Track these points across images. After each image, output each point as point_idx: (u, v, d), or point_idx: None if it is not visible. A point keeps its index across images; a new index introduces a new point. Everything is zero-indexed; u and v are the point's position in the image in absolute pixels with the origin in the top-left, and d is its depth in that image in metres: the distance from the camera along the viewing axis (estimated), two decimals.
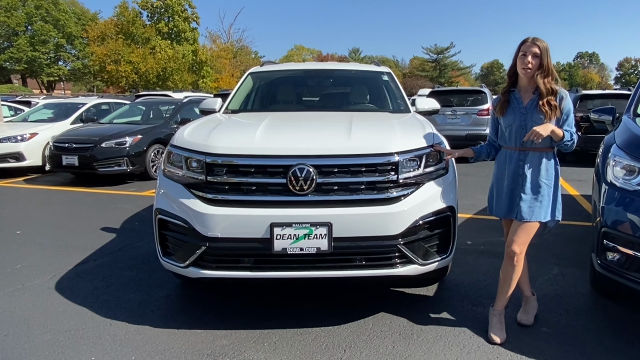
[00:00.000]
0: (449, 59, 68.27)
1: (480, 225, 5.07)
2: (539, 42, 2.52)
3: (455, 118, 10.81)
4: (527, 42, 2.54)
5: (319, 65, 5.07)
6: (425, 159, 2.83)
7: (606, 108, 4.19)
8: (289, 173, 2.58)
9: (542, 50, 2.51)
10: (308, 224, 2.53)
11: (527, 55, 2.52)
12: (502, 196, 2.68)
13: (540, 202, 2.56)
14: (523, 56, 2.54)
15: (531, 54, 2.51)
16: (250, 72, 4.76)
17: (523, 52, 2.54)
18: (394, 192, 2.67)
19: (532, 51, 2.51)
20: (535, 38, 2.54)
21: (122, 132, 7.83)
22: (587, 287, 3.36)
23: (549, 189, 2.59)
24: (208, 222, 2.59)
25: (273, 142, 2.78)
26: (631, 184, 2.65)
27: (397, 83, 4.63)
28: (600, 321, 2.91)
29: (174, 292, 3.32)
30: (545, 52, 2.52)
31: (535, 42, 2.52)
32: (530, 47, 2.52)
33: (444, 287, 3.38)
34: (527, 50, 2.52)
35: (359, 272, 2.64)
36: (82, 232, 4.88)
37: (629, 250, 2.55)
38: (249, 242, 2.57)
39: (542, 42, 2.53)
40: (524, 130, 2.57)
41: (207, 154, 2.70)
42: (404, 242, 2.64)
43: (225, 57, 44.30)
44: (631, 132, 2.98)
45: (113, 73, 36.80)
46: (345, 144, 2.73)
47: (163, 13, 41.80)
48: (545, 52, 2.52)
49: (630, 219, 2.56)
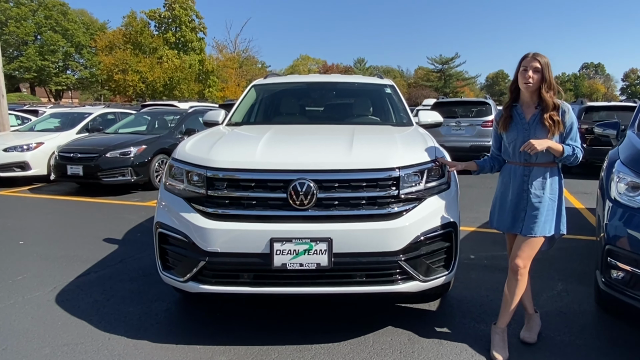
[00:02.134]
0: (453, 69, 68.39)
1: (484, 238, 5.02)
2: (540, 57, 2.52)
3: (459, 129, 10.79)
4: (528, 57, 2.54)
5: (323, 78, 5.10)
6: (426, 173, 2.82)
7: (610, 122, 4.17)
8: (289, 188, 2.57)
9: (543, 65, 2.51)
10: (308, 239, 2.52)
11: (528, 70, 2.52)
12: (506, 210, 2.66)
13: (544, 217, 2.54)
14: (524, 71, 2.54)
15: (532, 68, 2.51)
16: (253, 85, 4.78)
17: (524, 67, 2.54)
18: (395, 208, 2.66)
19: (533, 66, 2.51)
20: (536, 53, 2.54)
21: (126, 142, 7.87)
22: (591, 304, 3.31)
23: (553, 203, 2.57)
24: (208, 236, 2.58)
25: (274, 156, 2.77)
26: (635, 200, 2.62)
27: (399, 96, 4.64)
28: (604, 339, 2.86)
29: (173, 306, 3.30)
30: (547, 66, 2.52)
31: (536, 57, 2.51)
32: (531, 62, 2.52)
33: (446, 303, 3.35)
34: (528, 65, 2.52)
35: (359, 288, 2.62)
36: (85, 243, 4.89)
37: (633, 268, 2.51)
38: (248, 257, 2.55)
39: (543, 57, 2.53)
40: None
41: (208, 168, 2.70)
42: (405, 258, 2.61)
43: (231, 67, 44.62)
44: (635, 148, 2.95)
45: (120, 82, 37.16)
46: (346, 158, 2.72)
47: (171, 23, 42.31)
48: (547, 67, 2.52)
49: (635, 236, 2.53)
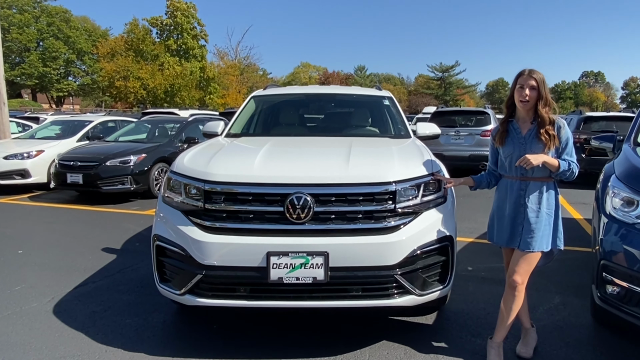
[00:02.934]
0: (454, 77, 68.77)
1: (482, 249, 5.02)
2: (535, 75, 2.55)
3: (458, 139, 10.82)
4: (524, 74, 2.57)
5: (321, 90, 5.13)
6: (423, 187, 2.83)
7: (607, 135, 4.19)
8: (286, 201, 2.59)
9: (539, 82, 2.54)
10: (304, 253, 2.53)
11: (524, 88, 2.55)
12: (503, 225, 2.67)
13: (541, 232, 2.56)
14: (520, 89, 2.56)
15: (528, 86, 2.54)
16: (253, 96, 4.82)
17: (520, 85, 2.57)
18: (391, 222, 2.67)
19: (529, 84, 2.54)
20: (532, 70, 2.57)
21: (126, 150, 7.90)
22: (588, 318, 3.31)
23: (550, 218, 2.59)
24: (205, 249, 2.59)
25: (271, 170, 2.79)
26: (630, 216, 2.63)
27: (398, 108, 4.67)
28: (601, 354, 2.85)
29: (170, 318, 3.30)
30: (542, 83, 2.55)
31: (532, 75, 2.54)
32: (527, 79, 2.55)
33: (443, 316, 3.35)
34: (524, 83, 2.55)
35: (355, 302, 2.63)
36: (84, 252, 4.90)
37: (628, 283, 2.52)
38: (245, 270, 2.57)
39: (538, 73, 2.56)
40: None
41: (205, 182, 2.72)
42: (401, 272, 2.62)
43: (232, 74, 44.81)
44: (630, 163, 2.97)
45: (121, 89, 37.32)
46: (343, 172, 2.74)
47: (172, 30, 42.56)
48: (542, 84, 2.55)
49: (629, 252, 2.54)
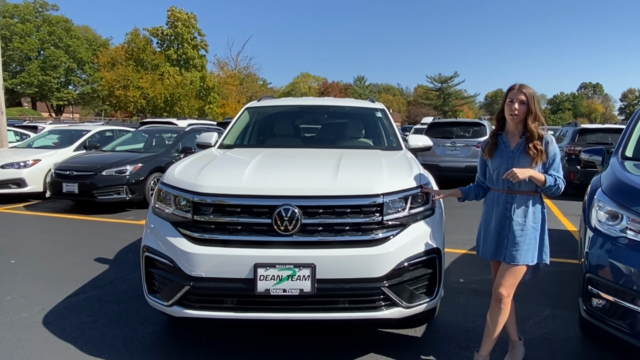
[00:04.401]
0: (453, 88, 69.18)
1: (475, 261, 5.03)
2: (525, 90, 2.58)
3: (454, 150, 10.88)
4: (514, 89, 2.61)
5: (315, 101, 5.18)
6: (411, 200, 2.86)
7: (596, 149, 4.22)
8: (274, 213, 2.61)
9: (529, 97, 2.57)
10: (292, 265, 2.55)
11: (514, 102, 2.59)
12: (489, 237, 2.69)
13: (527, 245, 2.57)
14: (510, 103, 2.60)
15: (518, 101, 2.58)
16: (247, 107, 4.86)
17: (510, 99, 2.61)
18: (379, 234, 2.69)
19: (519, 98, 2.58)
20: (522, 85, 2.61)
21: (123, 160, 7.93)
22: (577, 331, 3.31)
23: (536, 232, 2.60)
24: (193, 261, 2.61)
25: (260, 182, 2.82)
26: (614, 230, 2.65)
27: (390, 120, 4.71)
28: None
29: (160, 329, 3.30)
30: (532, 98, 2.58)
31: (522, 90, 2.58)
32: (517, 94, 2.58)
33: (432, 329, 3.35)
34: (514, 98, 2.59)
35: (342, 314, 2.63)
36: (76, 262, 4.90)
37: (612, 297, 2.53)
38: (232, 282, 2.58)
39: (529, 88, 2.60)
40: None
41: (194, 193, 2.74)
42: (388, 284, 2.63)
43: (232, 84, 45.07)
44: (616, 177, 3.00)
45: (121, 98, 37.48)
46: (331, 184, 2.77)
47: (173, 40, 42.88)
48: (532, 98, 2.58)
49: (614, 265, 2.55)
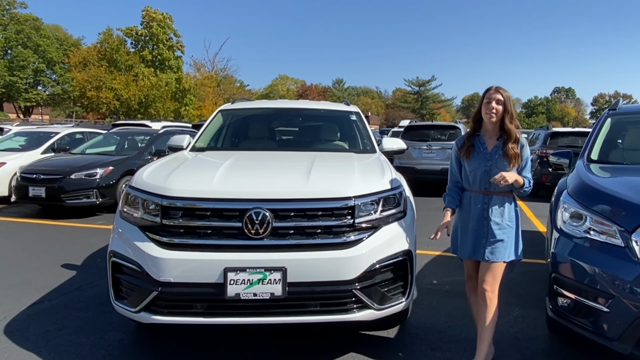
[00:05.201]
0: (430, 92, 70.09)
1: (448, 263, 5.10)
2: (502, 91, 2.66)
3: (430, 152, 11.01)
4: (491, 90, 2.68)
5: (289, 104, 5.17)
6: (383, 202, 2.87)
7: (564, 152, 4.33)
8: (245, 217, 2.58)
9: (505, 98, 2.65)
10: (262, 269, 2.52)
11: (491, 102, 2.65)
12: (467, 238, 2.73)
13: (505, 244, 2.65)
14: (487, 103, 2.67)
15: (495, 100, 2.64)
16: (220, 110, 4.81)
17: (487, 100, 2.67)
18: (350, 236, 2.69)
19: (496, 98, 2.64)
20: (498, 87, 2.68)
21: (93, 163, 7.74)
22: (545, 330, 3.38)
23: (512, 230, 2.68)
24: (161, 266, 2.55)
25: (230, 185, 2.78)
26: (579, 230, 2.73)
27: (364, 123, 4.73)
28: None
29: (128, 336, 3.22)
30: (508, 99, 2.66)
31: (499, 90, 2.66)
32: (493, 94, 2.66)
33: (405, 330, 3.37)
34: (491, 98, 2.66)
35: (313, 317, 2.62)
36: (42, 269, 4.74)
37: (576, 296, 2.60)
38: (201, 287, 2.54)
39: (505, 90, 2.67)
40: (488, 175, 2.67)
41: (163, 197, 2.69)
42: (360, 286, 2.64)
43: (209, 86, 44.52)
44: (581, 180, 3.09)
45: (93, 99, 36.54)
46: (302, 187, 2.76)
47: (147, 41, 42.08)
48: (508, 100, 2.66)
49: (578, 265, 2.62)
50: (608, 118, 4.20)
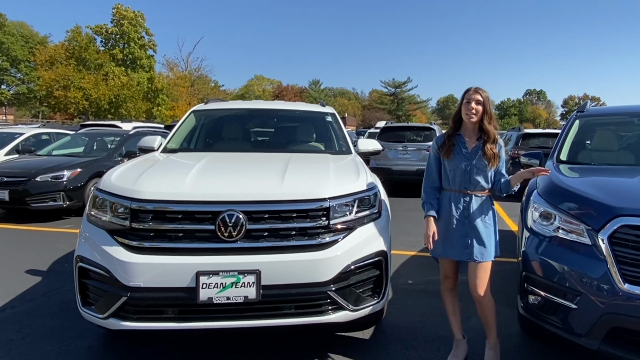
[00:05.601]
0: (406, 93, 70.90)
1: (423, 263, 5.14)
2: (481, 91, 2.70)
3: (406, 153, 11.09)
4: (470, 90, 2.72)
5: (264, 105, 5.11)
6: (358, 203, 2.87)
7: (534, 152, 4.43)
8: (217, 219, 2.54)
9: (485, 99, 2.69)
10: (236, 272, 2.48)
11: (470, 102, 2.69)
12: (450, 238, 2.74)
13: (489, 242, 2.71)
14: (467, 103, 2.71)
15: (474, 100, 2.68)
16: (193, 110, 4.72)
17: (467, 100, 2.71)
18: (325, 238, 2.68)
19: (475, 98, 2.69)
20: (478, 87, 2.72)
21: (60, 165, 7.47)
22: (517, 327, 3.44)
23: (492, 228, 2.74)
24: (130, 271, 2.48)
25: (203, 187, 2.73)
26: (548, 229, 2.79)
27: (340, 124, 4.72)
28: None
29: (96, 344, 3.11)
30: (487, 100, 2.71)
31: (478, 91, 2.70)
32: (473, 94, 2.70)
33: (380, 330, 3.38)
34: (471, 98, 2.70)
35: (288, 320, 2.59)
36: (5, 275, 4.54)
37: (546, 294, 2.66)
38: (173, 291, 2.48)
39: (484, 91, 2.72)
40: (468, 175, 2.71)
41: (132, 199, 2.61)
42: (335, 288, 2.63)
43: (182, 86, 43.78)
44: (550, 180, 3.16)
45: (61, 99, 35.40)
46: (277, 189, 2.73)
47: (118, 39, 41.09)
48: (487, 100, 2.71)
49: (548, 263, 2.68)
50: (576, 120, 4.32)
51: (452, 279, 2.90)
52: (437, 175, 2.85)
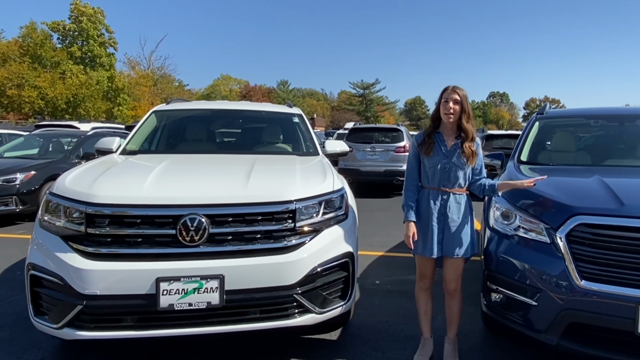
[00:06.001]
0: (374, 94, 71.51)
1: (391, 263, 5.19)
2: (459, 90, 2.73)
3: (374, 154, 11.16)
4: (448, 89, 2.75)
5: (229, 105, 5.00)
6: (324, 205, 2.85)
7: (496, 153, 4.54)
8: (179, 223, 2.46)
9: (462, 98, 2.72)
10: (198, 277, 2.41)
11: (449, 101, 2.72)
12: (430, 236, 2.75)
13: (466, 240, 2.76)
14: (445, 102, 2.73)
15: (452, 100, 2.71)
16: (154, 110, 4.57)
17: (445, 99, 2.74)
18: (292, 240, 2.64)
19: (453, 98, 2.72)
20: (455, 86, 2.75)
21: (12, 167, 7.09)
22: (480, 325, 3.50)
23: (469, 225, 2.79)
24: (86, 278, 2.37)
25: (163, 190, 2.63)
26: (509, 229, 2.85)
27: (307, 125, 4.68)
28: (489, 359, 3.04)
29: (50, 355, 2.95)
30: (465, 99, 2.74)
31: (455, 90, 2.73)
32: (451, 94, 2.72)
33: (347, 331, 3.37)
34: (449, 97, 2.72)
35: (253, 325, 2.54)
36: None
37: (508, 291, 2.72)
38: (131, 298, 2.38)
39: (462, 90, 2.75)
40: (446, 172, 2.74)
41: (88, 204, 2.50)
42: (301, 291, 2.60)
43: (144, 85, 42.63)
44: (510, 180, 3.23)
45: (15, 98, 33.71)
46: (241, 191, 2.67)
47: (76, 36, 39.57)
48: (465, 99, 2.74)
49: (509, 262, 2.74)
50: (536, 122, 4.45)
51: (429, 278, 2.90)
52: (417, 172, 2.87)
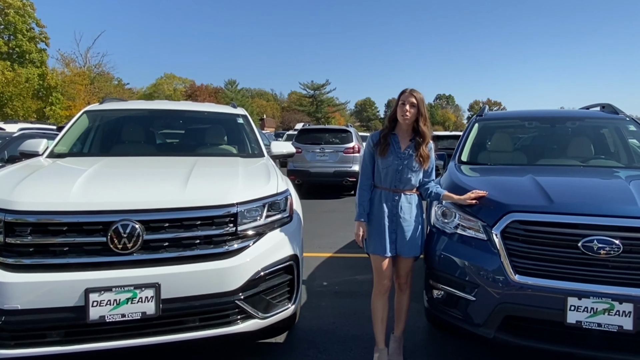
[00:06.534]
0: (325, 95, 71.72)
1: (339, 264, 5.20)
2: (416, 94, 2.76)
3: (323, 155, 11.17)
4: (406, 92, 2.77)
5: (168, 105, 4.79)
6: (268, 207, 2.79)
7: (438, 154, 4.67)
8: (110, 230, 2.31)
9: (419, 100, 2.75)
10: (132, 287, 2.28)
11: (405, 104, 2.74)
12: (382, 235, 2.76)
13: (416, 238, 2.81)
14: (402, 105, 2.75)
15: (409, 103, 2.73)
16: (85, 111, 4.29)
17: (402, 102, 2.76)
18: (233, 245, 2.57)
19: (410, 101, 2.73)
20: (413, 90, 2.77)
21: None
22: (424, 321, 3.58)
23: (420, 225, 2.83)
24: (5, 292, 2.19)
25: (92, 195, 2.46)
26: (449, 227, 2.93)
27: (252, 126, 4.58)
28: (434, 356, 3.10)
29: None
30: (422, 102, 2.77)
31: (413, 93, 2.75)
32: (408, 97, 2.74)
33: (294, 334, 3.33)
34: (406, 100, 2.74)
35: (192, 334, 2.44)
36: None
37: (449, 288, 2.79)
38: (57, 312, 2.22)
39: (418, 93, 2.77)
40: (399, 174, 2.76)
41: (7, 211, 2.29)
42: (243, 296, 2.53)
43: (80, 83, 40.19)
44: (451, 179, 3.34)
45: None
46: (179, 195, 2.55)
47: (3, 30, 36.76)
48: (422, 103, 2.77)
49: (449, 259, 2.81)
50: (476, 123, 4.63)
51: (388, 279, 2.84)
52: (371, 172, 2.88)
